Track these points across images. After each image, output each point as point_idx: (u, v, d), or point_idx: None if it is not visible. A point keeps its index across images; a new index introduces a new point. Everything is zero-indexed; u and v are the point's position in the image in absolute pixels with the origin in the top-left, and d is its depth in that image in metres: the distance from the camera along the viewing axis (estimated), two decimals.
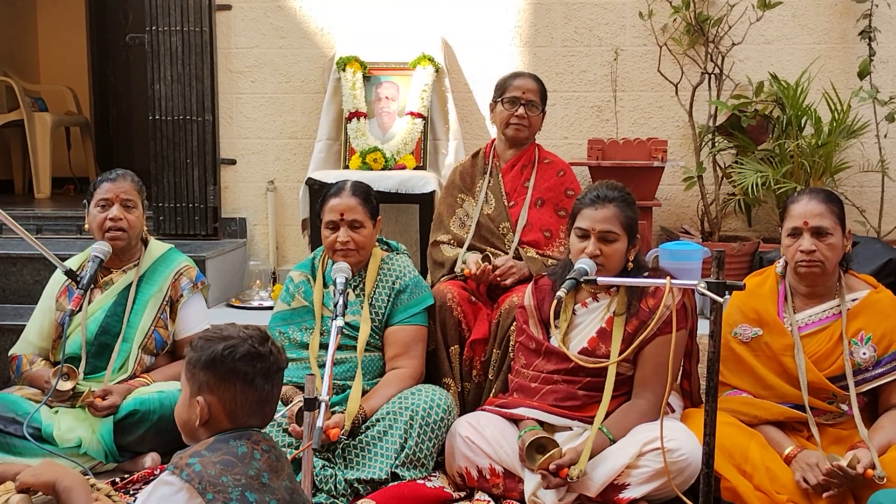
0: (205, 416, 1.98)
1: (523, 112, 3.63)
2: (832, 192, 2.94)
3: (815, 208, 2.83)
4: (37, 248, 3.15)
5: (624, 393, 2.93)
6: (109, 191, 3.34)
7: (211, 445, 1.95)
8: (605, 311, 2.97)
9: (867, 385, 2.83)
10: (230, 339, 2.00)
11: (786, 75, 4.42)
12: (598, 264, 2.87)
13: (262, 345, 2.02)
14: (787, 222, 2.90)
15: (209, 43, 4.82)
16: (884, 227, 4.45)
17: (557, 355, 2.95)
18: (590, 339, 2.95)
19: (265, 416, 2.05)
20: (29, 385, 3.28)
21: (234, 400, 1.98)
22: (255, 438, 2.00)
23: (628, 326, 2.90)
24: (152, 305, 3.36)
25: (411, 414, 3.01)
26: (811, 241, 2.82)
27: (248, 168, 4.96)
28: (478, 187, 3.74)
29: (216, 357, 1.98)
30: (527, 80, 3.70)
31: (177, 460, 1.93)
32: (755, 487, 2.67)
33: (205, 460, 1.91)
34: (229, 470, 1.90)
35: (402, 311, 3.28)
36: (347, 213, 3.24)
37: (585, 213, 2.94)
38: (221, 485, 1.87)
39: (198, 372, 1.99)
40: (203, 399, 1.98)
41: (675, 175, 4.69)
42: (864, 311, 2.86)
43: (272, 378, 2.03)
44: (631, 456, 2.73)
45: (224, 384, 1.98)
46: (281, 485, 1.99)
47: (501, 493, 2.93)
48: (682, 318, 2.91)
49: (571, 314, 3.01)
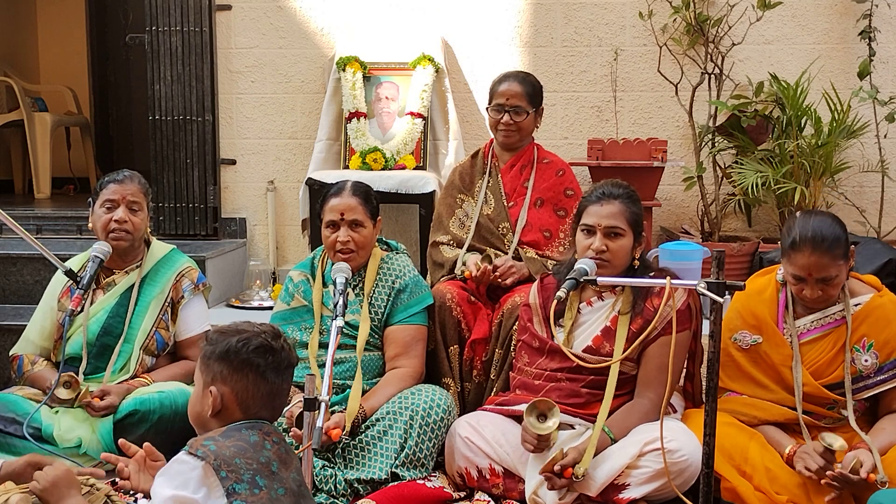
0: (217, 405, 2.04)
1: (509, 119, 3.62)
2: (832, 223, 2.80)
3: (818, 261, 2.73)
4: (37, 248, 3.15)
5: (627, 392, 2.93)
6: (116, 192, 3.33)
7: (224, 432, 2.01)
8: (611, 309, 2.97)
9: (868, 392, 2.81)
10: (244, 333, 2.09)
11: (786, 75, 4.42)
12: (605, 260, 2.88)
13: (275, 340, 2.11)
14: (790, 266, 2.82)
15: (209, 43, 4.82)
16: (884, 227, 4.45)
17: (561, 354, 2.94)
18: (594, 338, 2.95)
19: (275, 409, 2.12)
20: (30, 385, 3.28)
21: (246, 390, 2.05)
22: (267, 430, 2.06)
23: (633, 325, 2.90)
24: (154, 306, 3.35)
25: (411, 414, 3.01)
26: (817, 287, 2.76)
27: (248, 168, 4.96)
28: (477, 188, 3.73)
29: (230, 348, 2.05)
30: (511, 85, 3.66)
31: (192, 441, 1.98)
32: (755, 488, 2.67)
33: (219, 443, 1.97)
34: (242, 454, 1.96)
35: (401, 310, 3.28)
36: (348, 213, 3.24)
37: (591, 209, 2.95)
38: (235, 465, 1.93)
39: (212, 363, 2.07)
40: (216, 389, 2.05)
41: (675, 175, 4.69)
42: (867, 316, 2.83)
43: (283, 373, 2.11)
44: (631, 456, 2.73)
45: (237, 374, 2.05)
46: (289, 475, 2.04)
47: (501, 493, 2.93)
48: (687, 320, 2.91)
49: (576, 312, 3.01)
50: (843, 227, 2.81)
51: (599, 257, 2.88)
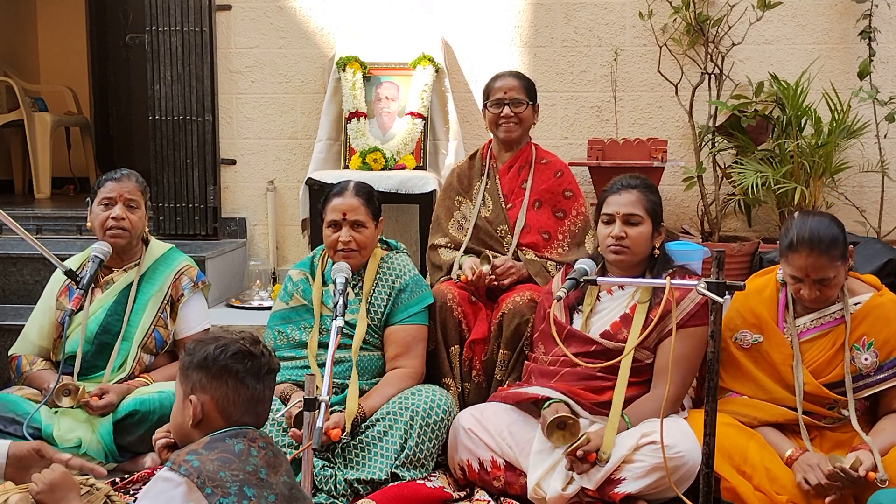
0: (198, 414, 2.01)
1: (509, 111, 3.63)
2: (829, 224, 2.79)
3: (815, 262, 2.74)
4: (37, 248, 3.15)
5: (643, 380, 2.96)
6: (113, 190, 3.34)
7: (207, 444, 1.98)
8: (630, 298, 3.03)
9: (868, 391, 2.81)
10: (221, 340, 2.06)
11: (786, 75, 4.42)
12: (624, 247, 2.98)
13: (254, 345, 2.07)
14: (788, 268, 2.84)
15: (209, 43, 4.82)
16: (884, 227, 4.45)
17: (579, 339, 3.00)
18: (612, 324, 3.02)
19: (258, 415, 2.08)
20: (29, 386, 3.28)
21: (226, 397, 2.02)
22: (252, 436, 2.02)
23: (650, 314, 2.93)
24: (153, 305, 3.36)
25: (411, 414, 3.01)
26: (814, 288, 2.79)
27: (248, 168, 4.96)
28: (475, 189, 3.72)
29: (208, 356, 2.02)
30: (507, 80, 3.68)
31: (174, 457, 1.95)
32: (755, 488, 2.67)
33: (202, 457, 1.93)
34: (227, 466, 1.93)
35: (402, 310, 3.28)
36: (350, 214, 3.24)
37: (611, 199, 3.07)
38: (220, 480, 1.90)
39: (191, 373, 2.04)
40: (196, 398, 2.01)
41: (675, 175, 4.69)
42: (866, 316, 2.83)
43: (263, 378, 2.07)
44: (629, 448, 2.75)
45: (216, 382, 2.02)
46: (279, 480, 2.01)
47: (502, 486, 2.94)
48: (705, 315, 2.91)
49: (595, 300, 3.09)
50: (841, 228, 2.81)
51: (619, 244, 2.98)
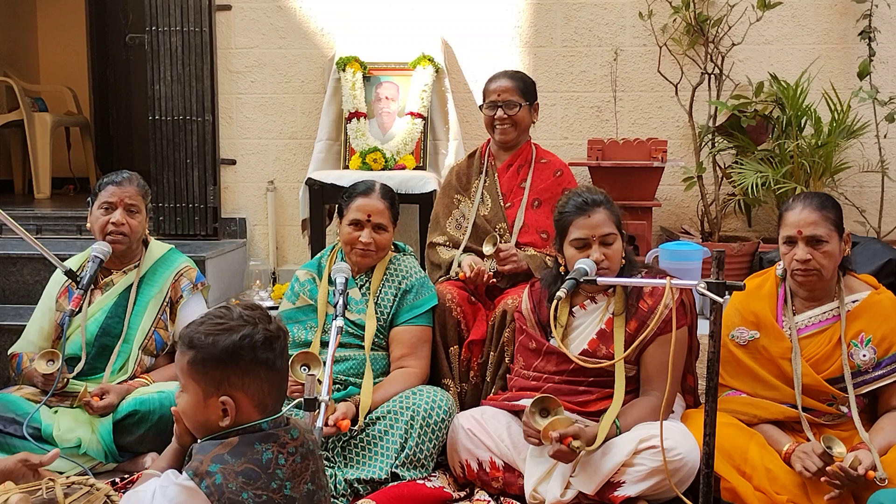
0: (234, 415, 1.87)
1: (503, 113, 3.63)
2: (828, 196, 2.91)
3: (808, 217, 2.80)
4: (37, 248, 3.15)
5: (629, 391, 2.94)
6: (114, 194, 3.34)
7: (235, 449, 1.84)
8: (604, 312, 2.97)
9: (867, 387, 2.82)
10: (241, 329, 1.88)
11: (786, 75, 4.42)
12: (604, 268, 2.88)
13: (271, 323, 1.93)
14: (783, 230, 2.88)
15: (209, 43, 4.82)
16: (884, 227, 4.45)
17: (558, 356, 2.96)
18: (590, 341, 2.96)
19: (283, 393, 1.97)
20: (27, 382, 3.28)
21: (261, 390, 1.89)
22: (283, 440, 1.90)
23: (628, 327, 2.91)
24: (153, 306, 3.35)
25: (412, 414, 3.01)
26: (806, 249, 2.80)
27: (248, 168, 4.96)
28: (474, 188, 3.72)
29: (234, 350, 1.85)
30: (501, 81, 3.67)
31: (196, 465, 1.82)
32: (755, 488, 2.67)
33: (227, 469, 1.81)
34: (251, 484, 1.81)
35: (407, 310, 3.29)
36: (375, 216, 3.26)
37: (578, 223, 2.93)
38: (241, 502, 1.79)
39: (210, 371, 1.86)
40: (228, 398, 1.86)
41: (675, 175, 4.69)
42: (864, 312, 2.85)
43: (285, 353, 1.96)
44: (627, 453, 2.74)
45: (249, 377, 1.87)
46: (302, 490, 1.90)
47: (501, 486, 2.94)
48: (682, 315, 2.92)
49: (569, 316, 3.01)
50: (837, 205, 2.87)
51: (599, 266, 2.87)
